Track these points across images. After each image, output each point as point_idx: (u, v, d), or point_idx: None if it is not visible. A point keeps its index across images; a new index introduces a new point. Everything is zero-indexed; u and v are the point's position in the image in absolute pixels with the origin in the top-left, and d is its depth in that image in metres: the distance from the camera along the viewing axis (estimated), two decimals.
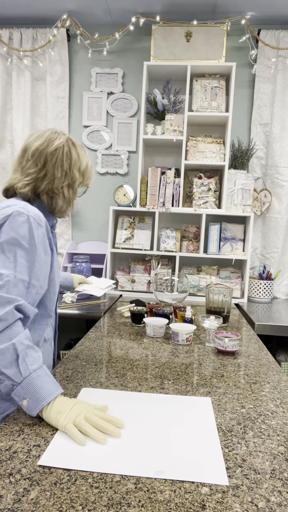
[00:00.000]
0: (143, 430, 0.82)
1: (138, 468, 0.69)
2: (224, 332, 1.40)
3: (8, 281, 0.92)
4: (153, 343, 1.44)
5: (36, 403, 0.81)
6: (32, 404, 0.82)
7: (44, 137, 1.11)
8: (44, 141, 1.10)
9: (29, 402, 0.82)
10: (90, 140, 2.76)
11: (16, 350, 0.84)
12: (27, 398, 0.82)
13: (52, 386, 0.84)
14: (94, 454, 0.73)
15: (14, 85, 2.69)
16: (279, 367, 1.25)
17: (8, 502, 0.59)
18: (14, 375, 0.83)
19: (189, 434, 0.81)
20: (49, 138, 1.11)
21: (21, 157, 1.12)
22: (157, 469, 0.69)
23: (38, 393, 0.82)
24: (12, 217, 0.98)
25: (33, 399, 0.82)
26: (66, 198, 1.13)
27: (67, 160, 1.11)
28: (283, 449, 0.77)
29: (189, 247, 2.53)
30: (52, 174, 1.09)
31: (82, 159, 1.15)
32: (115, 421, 0.82)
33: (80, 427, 0.79)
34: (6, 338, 0.85)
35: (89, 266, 2.40)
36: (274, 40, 2.51)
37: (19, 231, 0.97)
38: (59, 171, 1.09)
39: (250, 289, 2.54)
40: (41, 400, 0.81)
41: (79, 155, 1.14)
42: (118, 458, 0.72)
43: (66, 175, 1.11)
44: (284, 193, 2.55)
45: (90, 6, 2.46)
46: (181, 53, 2.45)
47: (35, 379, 0.83)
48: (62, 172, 1.10)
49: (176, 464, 0.70)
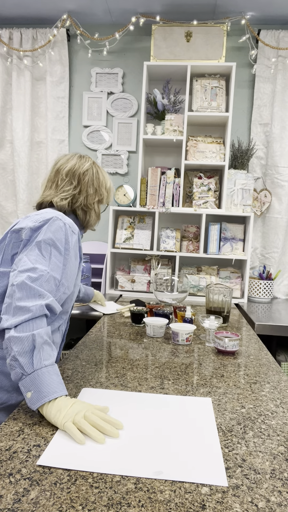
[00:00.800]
0: (142, 430, 0.82)
1: (137, 469, 0.68)
2: (224, 332, 1.40)
3: (42, 275, 0.98)
4: (153, 343, 1.44)
5: (39, 397, 0.83)
6: (35, 398, 0.83)
7: (75, 159, 1.28)
8: (76, 163, 1.27)
9: (33, 395, 0.83)
10: (90, 140, 2.76)
11: (34, 341, 0.87)
12: (32, 391, 0.83)
13: (58, 385, 0.86)
14: (94, 454, 0.73)
15: (14, 85, 2.69)
16: (279, 367, 1.25)
17: (8, 502, 0.59)
18: (27, 364, 0.85)
19: (189, 435, 0.81)
20: (80, 161, 1.28)
21: (54, 176, 1.26)
22: (156, 469, 0.68)
23: (43, 389, 0.83)
24: (52, 221, 1.08)
25: (37, 393, 0.83)
26: (96, 213, 1.31)
27: (96, 180, 1.28)
28: (283, 449, 0.77)
29: (189, 247, 2.53)
30: (86, 191, 1.26)
31: (107, 180, 1.33)
32: (114, 422, 0.82)
33: (79, 426, 0.79)
34: (29, 328, 0.89)
35: (89, 266, 2.40)
36: (274, 40, 2.51)
37: (56, 234, 1.06)
38: (91, 189, 1.27)
39: (250, 289, 2.54)
40: (44, 396, 0.83)
41: (104, 176, 1.33)
42: (117, 458, 0.71)
43: (96, 192, 1.28)
44: (284, 193, 2.55)
45: (90, 6, 2.46)
46: (181, 53, 2.45)
47: (45, 374, 0.85)
48: (93, 189, 1.27)
49: (176, 465, 0.70)
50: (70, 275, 1.09)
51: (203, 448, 0.76)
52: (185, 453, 0.74)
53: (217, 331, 1.41)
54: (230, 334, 1.39)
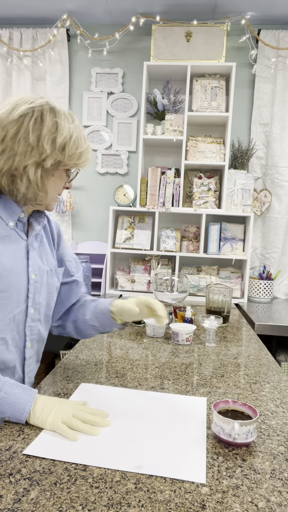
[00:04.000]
0: (131, 425, 0.83)
1: (119, 462, 0.70)
2: (231, 402, 0.84)
3: None
4: (153, 343, 1.44)
5: (18, 416, 0.81)
6: (15, 418, 0.81)
7: (12, 102, 0.85)
8: (9, 108, 0.84)
9: (11, 418, 0.81)
10: (90, 140, 2.76)
11: None
12: (7, 416, 0.81)
13: (24, 396, 0.82)
14: (80, 446, 0.75)
15: (14, 85, 2.69)
16: (279, 367, 1.25)
17: (8, 502, 0.60)
18: None
19: (176, 432, 0.81)
20: (16, 103, 0.85)
21: None
22: (137, 464, 0.70)
23: (15, 409, 0.81)
24: None
25: (13, 415, 0.81)
26: (31, 182, 0.86)
27: (35, 131, 0.83)
28: (283, 449, 0.77)
29: (189, 247, 2.53)
30: (11, 148, 0.83)
31: (62, 129, 0.86)
32: (100, 413, 0.84)
33: (70, 424, 0.79)
34: None
35: (89, 266, 2.40)
36: (274, 40, 2.51)
37: None
38: (21, 144, 0.83)
39: (250, 289, 2.54)
40: (21, 413, 0.81)
41: (58, 124, 0.85)
42: (101, 451, 0.73)
43: (32, 149, 0.83)
44: (284, 193, 2.55)
45: (90, 6, 2.46)
46: (181, 53, 2.45)
47: (4, 398, 0.81)
48: (26, 145, 0.83)
49: (157, 460, 0.71)
50: None
51: (188, 445, 0.77)
52: (169, 449, 0.75)
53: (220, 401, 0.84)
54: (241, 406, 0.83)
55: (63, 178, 0.94)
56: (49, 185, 0.90)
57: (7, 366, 0.94)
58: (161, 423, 0.85)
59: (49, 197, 0.92)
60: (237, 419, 0.79)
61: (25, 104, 0.84)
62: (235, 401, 0.84)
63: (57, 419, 0.80)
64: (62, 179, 0.94)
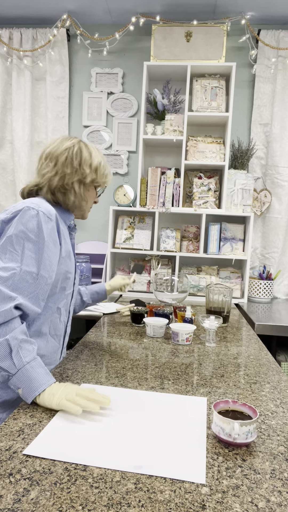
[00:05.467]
0: (131, 425, 0.83)
1: (119, 462, 0.70)
2: (231, 402, 0.84)
3: (14, 274, 0.97)
4: (153, 343, 1.44)
5: (30, 392, 0.89)
6: (26, 393, 0.89)
7: (58, 141, 1.19)
8: (57, 145, 1.17)
9: (24, 391, 0.89)
10: (90, 140, 2.76)
11: (9, 345, 0.91)
12: (21, 388, 0.89)
13: (44, 376, 0.91)
14: (79, 447, 0.75)
15: (14, 85, 2.69)
16: (279, 367, 1.25)
17: (8, 502, 0.60)
18: (9, 367, 0.90)
19: (176, 432, 0.81)
20: (61, 141, 1.18)
21: (38, 162, 1.20)
22: (137, 464, 0.70)
23: (32, 384, 0.89)
24: (23, 211, 1.03)
25: (27, 389, 0.89)
26: (77, 193, 1.18)
27: (77, 158, 1.15)
28: (283, 449, 0.77)
29: (189, 247, 2.53)
30: (62, 171, 1.14)
31: (94, 157, 1.19)
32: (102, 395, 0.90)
33: (74, 401, 0.86)
34: (1, 333, 0.92)
35: (89, 266, 2.40)
36: (274, 40, 2.51)
37: (28, 225, 1.02)
38: (69, 168, 1.14)
39: (250, 289, 2.54)
40: (34, 390, 0.89)
41: (91, 153, 1.19)
42: (101, 452, 0.73)
43: (76, 171, 1.15)
44: (284, 193, 2.55)
45: (90, 6, 2.46)
46: (181, 53, 2.45)
47: (29, 370, 0.90)
48: (72, 168, 1.15)
49: (157, 460, 0.71)
50: (50, 265, 1.05)
51: (188, 445, 0.77)
52: (169, 449, 0.75)
53: (220, 401, 0.84)
54: (241, 406, 0.83)
55: (94, 193, 1.26)
56: (88, 196, 1.23)
57: (56, 333, 1.19)
58: (161, 423, 0.85)
59: (88, 205, 1.26)
60: (237, 419, 0.79)
61: (67, 141, 1.18)
62: (235, 401, 0.84)
63: (61, 398, 0.87)
64: (94, 194, 1.26)
